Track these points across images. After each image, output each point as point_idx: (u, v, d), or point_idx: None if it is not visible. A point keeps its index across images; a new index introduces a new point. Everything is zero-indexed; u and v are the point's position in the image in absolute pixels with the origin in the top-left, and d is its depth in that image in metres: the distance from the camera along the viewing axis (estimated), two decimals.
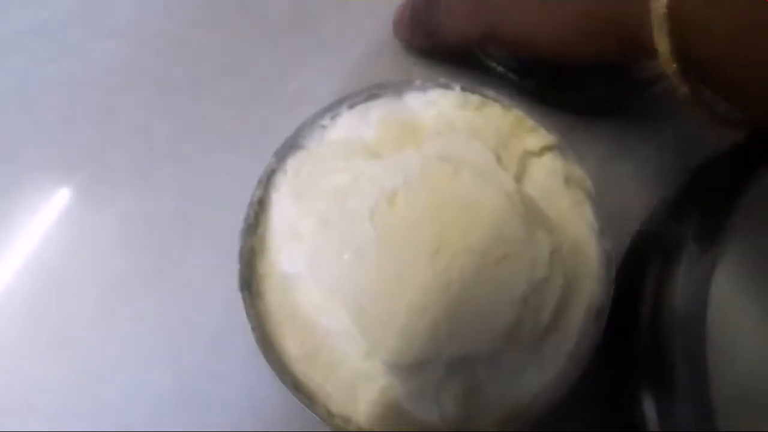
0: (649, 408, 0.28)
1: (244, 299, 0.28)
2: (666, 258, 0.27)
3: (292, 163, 0.30)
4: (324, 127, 0.30)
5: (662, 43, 0.24)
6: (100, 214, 0.37)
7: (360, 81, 0.38)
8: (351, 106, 0.30)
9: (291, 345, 0.28)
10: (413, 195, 0.28)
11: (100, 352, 0.35)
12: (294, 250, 0.29)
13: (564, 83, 0.36)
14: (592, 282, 0.29)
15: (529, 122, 0.30)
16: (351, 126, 0.30)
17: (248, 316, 0.27)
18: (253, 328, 0.27)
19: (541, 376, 0.28)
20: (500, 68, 0.36)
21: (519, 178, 0.30)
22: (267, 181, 0.29)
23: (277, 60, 0.40)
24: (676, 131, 0.38)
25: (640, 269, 0.30)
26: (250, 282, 0.29)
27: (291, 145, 0.30)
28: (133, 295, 0.36)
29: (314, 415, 0.27)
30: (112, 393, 0.34)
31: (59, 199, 0.38)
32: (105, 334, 0.35)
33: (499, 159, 0.29)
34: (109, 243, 0.36)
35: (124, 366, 0.35)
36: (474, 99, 0.30)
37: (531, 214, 0.29)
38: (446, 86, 0.30)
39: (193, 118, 0.39)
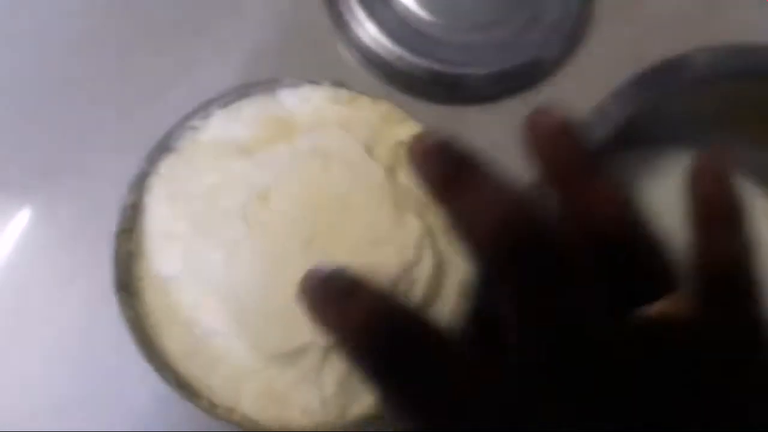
0: None
1: (120, 301, 0.28)
2: None
3: (165, 166, 0.30)
4: (195, 128, 0.30)
5: None
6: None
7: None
8: (222, 106, 0.31)
9: (172, 344, 0.29)
10: (285, 190, 0.29)
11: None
12: (170, 251, 0.29)
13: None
14: (464, 260, 0.31)
15: (398, 113, 0.31)
16: (223, 126, 0.30)
17: (124, 317, 0.28)
18: (129, 329, 0.28)
19: None
20: None
21: (393, 167, 0.32)
22: (139, 185, 0.29)
23: (166, 65, 0.39)
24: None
25: None
26: (128, 284, 0.29)
27: (162, 148, 0.30)
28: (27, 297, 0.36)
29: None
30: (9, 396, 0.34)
31: None
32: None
33: (370, 150, 0.31)
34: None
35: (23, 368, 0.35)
36: (344, 93, 0.31)
37: (401, 201, 0.30)
38: (315, 82, 0.31)
39: (85, 125, 0.38)
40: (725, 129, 0.34)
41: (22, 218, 0.37)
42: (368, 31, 0.38)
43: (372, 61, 0.38)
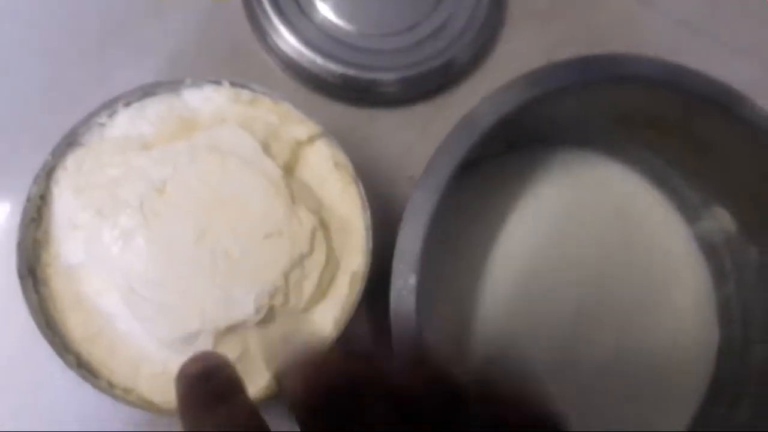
0: None
1: (23, 286, 0.30)
2: None
3: (72, 159, 0.32)
4: (102, 124, 0.32)
5: None
6: None
7: None
8: (127, 104, 0.32)
9: (75, 327, 0.31)
10: (181, 183, 0.31)
11: None
12: (75, 240, 0.31)
13: None
14: (357, 254, 0.33)
15: (297, 114, 0.33)
16: (130, 123, 0.32)
17: (27, 301, 0.29)
18: (31, 312, 0.29)
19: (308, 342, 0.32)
20: None
21: (292, 164, 0.34)
22: (45, 177, 0.31)
23: (89, 70, 0.41)
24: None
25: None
26: (34, 270, 0.31)
27: (68, 143, 0.32)
28: None
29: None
30: None
31: None
32: None
33: (267, 148, 0.32)
34: None
35: None
36: (245, 94, 0.33)
37: (296, 197, 0.32)
38: (217, 82, 0.33)
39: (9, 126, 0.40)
40: (615, 130, 0.36)
41: None
42: (285, 37, 0.40)
43: (289, 65, 0.40)
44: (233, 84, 0.33)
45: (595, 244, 0.37)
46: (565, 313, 0.36)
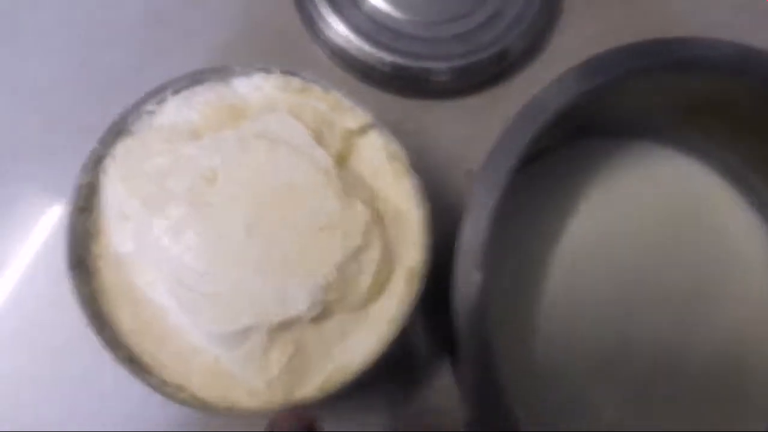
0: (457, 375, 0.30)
1: (72, 278, 0.29)
2: None
3: (121, 148, 0.31)
4: (151, 112, 0.31)
5: None
6: None
7: None
8: (175, 92, 0.31)
9: (124, 320, 0.30)
10: (231, 173, 0.30)
11: None
12: (124, 230, 0.30)
13: None
14: (413, 249, 0.31)
15: (347, 103, 0.32)
16: (178, 111, 0.31)
17: (75, 294, 0.29)
18: (80, 304, 0.29)
19: (365, 339, 0.30)
20: None
21: (344, 154, 0.32)
22: (93, 166, 0.30)
23: (132, 55, 0.41)
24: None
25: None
26: (84, 261, 0.30)
27: (117, 131, 0.31)
28: None
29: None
30: None
31: None
32: None
33: (320, 137, 0.31)
34: None
35: None
36: (295, 82, 0.32)
37: (349, 188, 0.31)
38: (266, 70, 0.32)
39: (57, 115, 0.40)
40: (684, 122, 0.34)
41: None
42: (334, 26, 0.39)
43: (338, 55, 0.39)
44: (283, 72, 0.32)
45: (661, 241, 0.35)
46: (630, 311, 0.34)
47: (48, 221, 0.38)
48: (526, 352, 0.32)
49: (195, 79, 0.31)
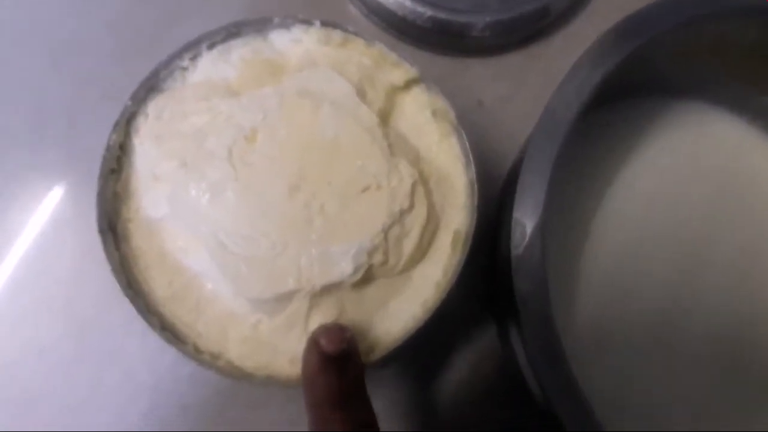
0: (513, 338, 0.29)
1: (104, 242, 0.27)
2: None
3: (153, 106, 0.29)
4: (185, 68, 0.30)
5: None
6: None
7: None
8: (210, 46, 0.30)
9: (158, 287, 0.28)
10: (272, 132, 0.28)
11: None
12: (156, 193, 0.29)
13: None
14: (459, 211, 0.30)
15: (392, 57, 0.30)
16: (213, 67, 0.30)
17: (108, 258, 0.27)
18: (113, 270, 0.27)
19: (408, 305, 0.29)
20: None
21: (387, 112, 0.31)
22: (126, 125, 0.29)
23: (165, 10, 0.39)
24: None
25: (503, 204, 0.31)
26: (114, 226, 0.28)
27: (149, 88, 0.29)
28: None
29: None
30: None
31: None
32: None
33: (363, 94, 0.29)
34: None
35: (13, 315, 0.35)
36: (336, 35, 0.30)
37: (394, 147, 0.29)
38: (307, 22, 0.30)
39: (80, 75, 0.38)
40: (719, 74, 0.32)
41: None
42: None
43: (375, 11, 0.37)
44: (324, 24, 0.30)
45: (714, 202, 0.33)
46: (674, 271, 0.33)
47: (70, 189, 0.37)
48: (576, 312, 0.31)
49: (231, 31, 0.30)
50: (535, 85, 0.38)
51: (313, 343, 0.25)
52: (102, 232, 0.28)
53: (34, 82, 0.38)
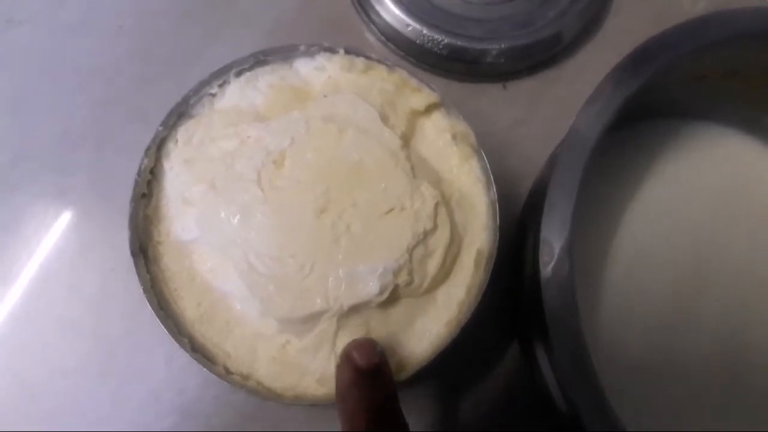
0: (541, 359, 0.29)
1: (136, 264, 0.28)
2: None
3: (183, 132, 0.30)
4: (213, 95, 0.31)
5: None
6: None
7: None
8: (238, 74, 0.31)
9: (188, 308, 0.29)
10: (299, 155, 0.29)
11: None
12: (187, 216, 0.29)
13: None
14: (480, 231, 0.30)
15: (413, 82, 0.31)
16: (241, 93, 0.31)
17: (141, 281, 0.28)
18: (145, 291, 0.28)
19: (433, 324, 0.29)
20: None
21: (408, 135, 0.31)
22: (157, 150, 0.30)
23: (190, 37, 0.40)
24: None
25: (525, 225, 0.32)
26: (145, 249, 0.29)
27: (180, 114, 0.30)
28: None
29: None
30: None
31: None
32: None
33: (385, 118, 0.30)
34: None
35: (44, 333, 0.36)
36: (359, 62, 0.31)
37: (416, 170, 0.30)
38: (331, 50, 0.31)
39: (107, 101, 0.39)
40: (733, 96, 0.33)
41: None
42: (387, 6, 0.38)
43: (393, 39, 0.39)
44: (347, 51, 0.31)
45: (729, 223, 0.34)
46: (693, 287, 0.33)
47: (97, 212, 0.37)
48: (600, 328, 0.31)
49: (259, 59, 0.31)
50: (548, 108, 0.38)
51: (346, 357, 0.25)
52: (134, 254, 0.28)
53: (62, 108, 0.39)
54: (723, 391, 0.32)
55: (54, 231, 0.37)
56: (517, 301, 0.32)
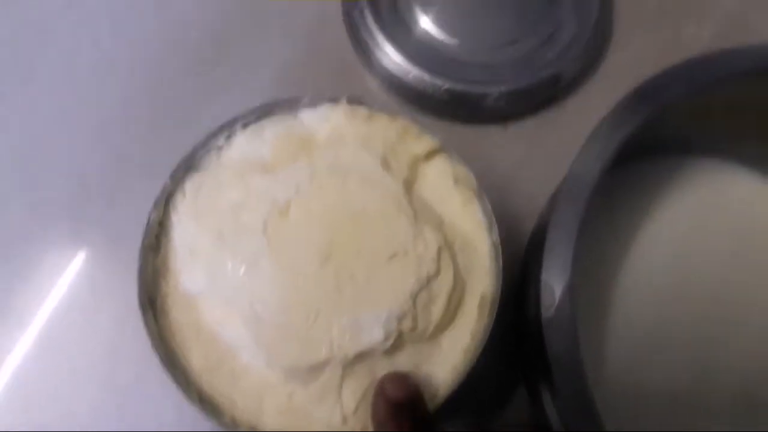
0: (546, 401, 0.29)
1: (144, 317, 0.28)
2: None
3: (190, 185, 0.31)
4: (220, 147, 0.31)
5: None
6: None
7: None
8: (245, 125, 0.32)
9: (195, 358, 0.29)
10: (304, 205, 0.30)
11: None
12: (194, 268, 0.30)
13: None
14: (484, 274, 0.30)
15: (415, 129, 0.32)
16: (248, 144, 0.31)
17: (149, 333, 0.28)
18: (152, 344, 0.28)
19: (438, 371, 0.29)
20: None
21: (411, 182, 0.32)
22: (165, 202, 0.30)
23: (198, 87, 0.41)
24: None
25: (527, 265, 0.32)
26: (153, 300, 0.30)
27: (187, 167, 0.31)
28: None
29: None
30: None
31: None
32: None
33: (387, 165, 0.31)
34: None
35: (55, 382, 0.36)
36: (362, 111, 0.32)
37: (418, 215, 0.30)
38: (334, 100, 0.32)
39: (123, 150, 0.40)
40: (734, 132, 0.34)
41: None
42: (388, 54, 0.39)
43: (394, 84, 0.39)
44: (350, 101, 0.32)
45: (734, 260, 0.34)
46: (700, 327, 0.33)
47: (109, 262, 0.38)
48: (605, 368, 0.31)
49: (264, 111, 0.32)
50: (549, 148, 0.39)
51: (380, 390, 0.26)
52: (142, 306, 0.29)
53: (77, 158, 0.40)
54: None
55: (66, 280, 0.38)
56: (520, 340, 0.32)
